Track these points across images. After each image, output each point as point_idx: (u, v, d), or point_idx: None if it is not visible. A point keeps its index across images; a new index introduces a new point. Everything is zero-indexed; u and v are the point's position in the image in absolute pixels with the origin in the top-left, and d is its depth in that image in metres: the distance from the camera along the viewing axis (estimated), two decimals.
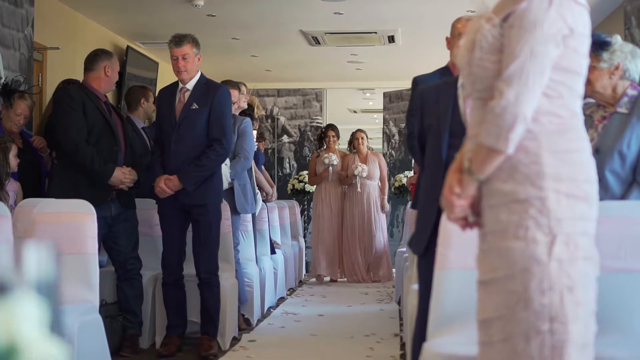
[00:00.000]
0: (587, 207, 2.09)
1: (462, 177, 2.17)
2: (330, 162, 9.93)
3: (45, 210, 4.04)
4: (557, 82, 2.09)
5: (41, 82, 7.51)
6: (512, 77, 2.05)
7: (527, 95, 2.04)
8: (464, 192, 2.16)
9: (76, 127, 4.99)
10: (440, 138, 3.28)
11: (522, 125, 2.05)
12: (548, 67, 2.06)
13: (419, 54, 10.06)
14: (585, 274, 2.06)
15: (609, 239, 2.91)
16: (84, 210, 4.03)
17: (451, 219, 2.23)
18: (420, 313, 3.26)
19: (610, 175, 3.48)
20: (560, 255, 2.03)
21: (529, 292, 2.03)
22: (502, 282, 2.10)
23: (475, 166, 2.12)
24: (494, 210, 2.12)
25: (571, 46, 2.09)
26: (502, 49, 2.10)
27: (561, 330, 2.02)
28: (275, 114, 13.12)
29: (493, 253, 2.13)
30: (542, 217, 2.04)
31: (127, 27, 9.13)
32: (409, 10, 8.15)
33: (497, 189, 2.12)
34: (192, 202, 5.17)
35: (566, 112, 2.11)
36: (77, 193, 4.66)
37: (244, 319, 6.31)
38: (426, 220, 3.28)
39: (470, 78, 2.20)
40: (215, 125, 5.18)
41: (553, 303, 2.02)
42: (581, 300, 2.04)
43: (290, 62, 11.29)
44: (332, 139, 10.09)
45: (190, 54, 5.19)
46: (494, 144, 2.06)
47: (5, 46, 6.18)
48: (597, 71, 3.58)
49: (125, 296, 5.27)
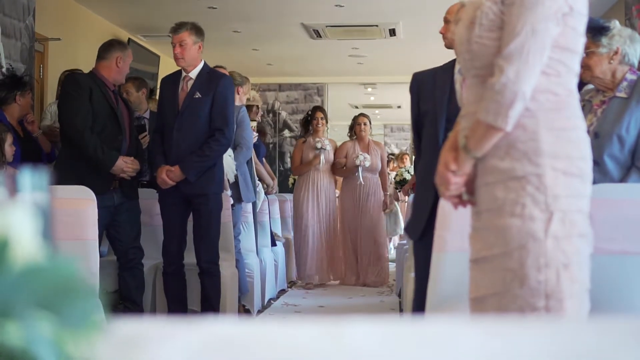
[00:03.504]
0: (582, 184, 2.11)
1: (458, 155, 2.18)
2: (322, 146, 8.45)
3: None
4: (556, 61, 2.10)
5: (42, 73, 7.54)
6: (513, 55, 2.05)
7: (527, 73, 2.05)
8: (460, 170, 2.17)
9: (81, 114, 4.99)
10: (436, 123, 3.30)
11: (522, 102, 2.05)
12: (548, 45, 2.07)
13: (421, 47, 10.06)
14: (580, 252, 2.07)
15: (605, 221, 2.92)
16: (85, 196, 4.04)
17: (446, 196, 2.24)
18: (417, 296, 3.28)
19: (609, 160, 3.49)
20: (556, 233, 2.04)
21: (525, 269, 2.04)
22: (498, 260, 2.10)
23: (472, 143, 2.12)
24: (489, 188, 2.13)
25: (570, 24, 2.10)
26: (502, 27, 2.11)
27: (557, 307, 2.03)
28: (276, 108, 13.15)
29: (488, 231, 2.13)
30: (539, 194, 2.05)
31: (128, 20, 9.15)
32: (410, 2, 8.17)
33: (493, 167, 2.12)
34: (193, 192, 5.18)
35: (563, 90, 2.12)
36: (80, 181, 4.66)
37: (245, 310, 6.34)
38: (423, 205, 3.30)
39: (468, 55, 2.20)
40: (218, 115, 5.18)
41: (549, 280, 2.03)
42: (576, 277, 2.05)
43: (292, 56, 11.30)
44: (320, 122, 8.57)
45: (188, 41, 5.18)
46: (493, 121, 2.07)
47: (6, 35, 6.21)
48: (597, 56, 3.59)
49: (126, 285, 5.29)
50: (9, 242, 0.51)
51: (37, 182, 0.59)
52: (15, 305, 0.49)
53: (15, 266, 0.51)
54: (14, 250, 0.51)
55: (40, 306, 0.50)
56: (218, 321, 0.77)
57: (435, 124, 3.29)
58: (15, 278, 0.50)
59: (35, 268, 0.51)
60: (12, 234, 0.52)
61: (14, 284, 0.50)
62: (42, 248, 0.54)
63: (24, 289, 0.50)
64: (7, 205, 0.54)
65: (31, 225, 0.54)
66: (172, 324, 0.76)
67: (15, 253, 0.52)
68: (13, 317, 0.49)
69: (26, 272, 0.51)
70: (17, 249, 0.52)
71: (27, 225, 0.53)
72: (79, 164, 5.01)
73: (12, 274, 0.50)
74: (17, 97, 5.65)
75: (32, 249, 0.53)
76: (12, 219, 0.53)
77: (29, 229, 0.53)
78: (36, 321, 0.50)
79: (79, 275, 0.53)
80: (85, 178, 4.79)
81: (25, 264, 0.51)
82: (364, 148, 8.70)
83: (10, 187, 0.59)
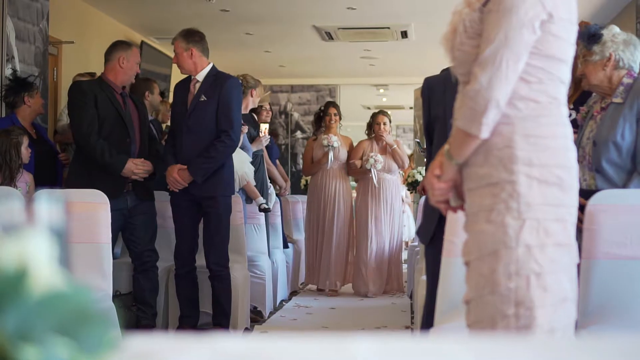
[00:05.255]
0: (562, 193, 2.08)
1: (443, 160, 2.20)
2: (329, 143, 7.93)
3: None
4: (536, 68, 2.09)
5: (56, 76, 7.60)
6: (486, 62, 2.05)
7: (500, 81, 2.04)
8: (443, 176, 2.19)
9: (87, 121, 5.03)
10: (447, 128, 3.32)
11: (495, 110, 2.05)
12: (523, 52, 2.06)
13: (432, 49, 10.04)
14: (555, 261, 2.05)
15: (614, 227, 2.94)
16: (98, 200, 4.09)
17: (433, 201, 2.26)
18: (428, 300, 3.30)
19: (608, 166, 3.48)
20: (528, 241, 2.03)
21: (496, 275, 2.04)
22: (474, 265, 2.12)
23: (453, 150, 2.14)
24: (471, 194, 2.15)
25: (552, 32, 2.09)
26: (481, 34, 2.11)
27: (526, 315, 2.03)
28: (289, 109, 13.19)
29: (469, 236, 2.15)
30: (512, 201, 2.05)
31: (141, 22, 9.21)
32: (421, 5, 8.18)
33: (474, 173, 2.13)
34: (202, 194, 5.22)
35: (544, 97, 2.10)
36: (93, 185, 4.68)
37: (256, 311, 6.36)
38: (432, 210, 3.31)
39: (453, 62, 2.21)
40: (223, 117, 5.22)
41: (519, 288, 2.02)
42: (549, 286, 2.04)
43: (304, 58, 11.34)
44: (333, 118, 8.11)
45: (178, 49, 5.29)
46: (467, 128, 2.08)
47: (20, 39, 6.27)
48: (591, 65, 3.59)
49: (140, 288, 5.32)
50: (28, 269, 0.54)
51: (54, 206, 0.62)
52: (34, 331, 0.52)
53: (34, 293, 0.54)
54: (32, 277, 0.54)
55: (57, 332, 0.53)
56: (228, 337, 0.80)
57: (445, 129, 3.31)
58: (34, 304, 0.53)
59: (53, 295, 0.54)
60: (30, 261, 0.55)
61: (33, 310, 0.53)
62: (59, 274, 0.57)
63: (43, 315, 0.53)
64: (25, 232, 0.57)
65: (48, 252, 0.57)
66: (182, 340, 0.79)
67: (34, 280, 0.55)
68: (32, 342, 0.52)
69: (44, 299, 0.54)
70: (35, 275, 0.55)
71: (44, 252, 0.56)
72: (91, 168, 5.06)
73: (31, 301, 0.53)
74: (26, 99, 5.70)
75: (50, 276, 0.56)
76: (30, 245, 0.56)
77: (46, 256, 0.56)
78: (54, 346, 0.52)
79: (94, 302, 0.56)
80: (97, 182, 4.82)
81: (44, 291, 0.54)
82: (382, 148, 8.08)
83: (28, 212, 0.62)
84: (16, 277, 0.54)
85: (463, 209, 2.22)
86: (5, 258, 0.54)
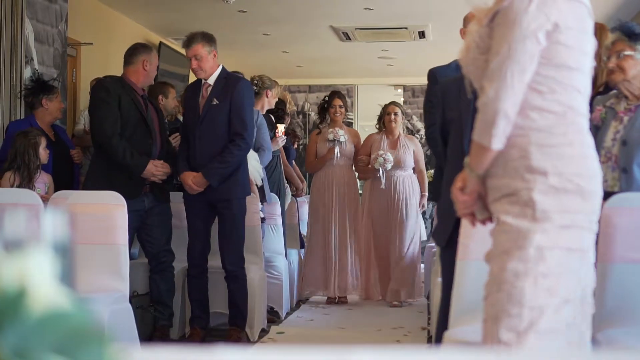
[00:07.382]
0: (581, 200, 2.11)
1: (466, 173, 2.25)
2: (335, 136, 7.17)
3: (77, 201, 4.16)
4: (547, 77, 2.12)
5: (75, 77, 7.65)
6: (493, 75, 2.10)
7: (507, 92, 2.08)
8: (466, 188, 2.22)
9: (110, 120, 5.03)
10: (461, 132, 3.31)
11: (504, 120, 2.08)
12: (528, 63, 2.09)
13: (450, 49, 10.01)
14: (563, 265, 2.08)
15: (629, 229, 2.93)
16: (115, 201, 4.13)
17: (460, 214, 2.30)
18: (443, 302, 3.30)
19: (637, 168, 3.47)
20: (540, 243, 2.06)
21: (504, 274, 2.08)
22: (489, 265, 2.18)
23: (472, 162, 2.19)
24: (494, 205, 2.19)
25: (559, 41, 2.11)
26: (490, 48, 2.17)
27: (530, 316, 2.06)
28: (306, 110, 13.19)
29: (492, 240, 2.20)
30: (528, 209, 2.08)
31: (160, 24, 9.25)
32: (439, 5, 8.16)
33: (494, 184, 2.18)
34: (218, 197, 5.23)
35: (559, 107, 2.13)
36: (111, 186, 4.70)
37: (273, 312, 6.37)
38: (448, 212, 3.31)
39: (469, 77, 2.27)
40: (236, 120, 5.21)
41: (525, 288, 2.06)
42: (555, 289, 2.06)
43: (321, 58, 11.34)
44: (338, 110, 7.32)
45: (202, 52, 5.20)
46: (480, 140, 2.13)
47: (39, 41, 6.32)
48: (632, 60, 3.58)
49: (157, 288, 5.35)
50: (27, 289, 0.55)
51: (59, 222, 0.63)
52: (32, 350, 0.53)
53: (33, 312, 0.55)
54: (32, 296, 0.56)
55: (56, 351, 0.54)
56: (229, 350, 0.80)
57: (460, 133, 3.30)
58: (33, 323, 0.54)
59: (53, 314, 0.55)
60: (30, 279, 0.56)
61: (32, 329, 0.54)
62: (59, 292, 0.58)
63: (41, 334, 0.54)
64: (26, 249, 0.58)
65: (49, 270, 0.58)
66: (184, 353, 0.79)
67: (34, 298, 0.56)
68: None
69: (44, 318, 0.55)
70: (35, 294, 0.56)
71: (45, 270, 0.57)
72: (110, 169, 5.07)
73: (31, 320, 0.54)
74: (44, 101, 5.72)
75: (50, 294, 0.57)
76: (31, 263, 0.57)
77: (47, 274, 0.57)
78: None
79: (93, 321, 0.57)
80: (116, 183, 4.84)
81: (43, 310, 0.55)
82: (392, 143, 7.29)
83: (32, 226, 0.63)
84: (16, 295, 0.55)
85: (491, 221, 2.24)
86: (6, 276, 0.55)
